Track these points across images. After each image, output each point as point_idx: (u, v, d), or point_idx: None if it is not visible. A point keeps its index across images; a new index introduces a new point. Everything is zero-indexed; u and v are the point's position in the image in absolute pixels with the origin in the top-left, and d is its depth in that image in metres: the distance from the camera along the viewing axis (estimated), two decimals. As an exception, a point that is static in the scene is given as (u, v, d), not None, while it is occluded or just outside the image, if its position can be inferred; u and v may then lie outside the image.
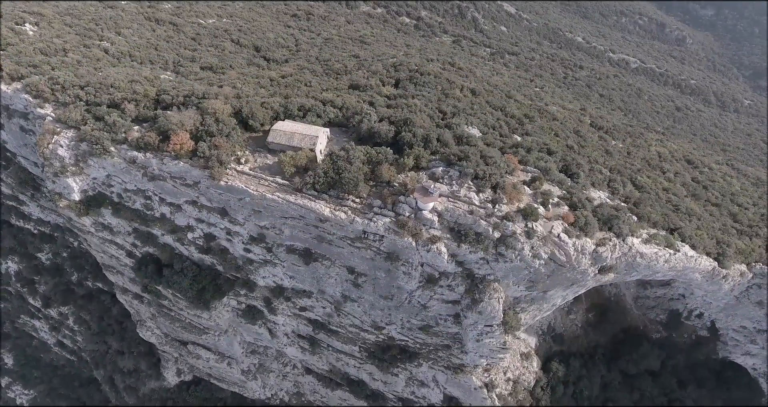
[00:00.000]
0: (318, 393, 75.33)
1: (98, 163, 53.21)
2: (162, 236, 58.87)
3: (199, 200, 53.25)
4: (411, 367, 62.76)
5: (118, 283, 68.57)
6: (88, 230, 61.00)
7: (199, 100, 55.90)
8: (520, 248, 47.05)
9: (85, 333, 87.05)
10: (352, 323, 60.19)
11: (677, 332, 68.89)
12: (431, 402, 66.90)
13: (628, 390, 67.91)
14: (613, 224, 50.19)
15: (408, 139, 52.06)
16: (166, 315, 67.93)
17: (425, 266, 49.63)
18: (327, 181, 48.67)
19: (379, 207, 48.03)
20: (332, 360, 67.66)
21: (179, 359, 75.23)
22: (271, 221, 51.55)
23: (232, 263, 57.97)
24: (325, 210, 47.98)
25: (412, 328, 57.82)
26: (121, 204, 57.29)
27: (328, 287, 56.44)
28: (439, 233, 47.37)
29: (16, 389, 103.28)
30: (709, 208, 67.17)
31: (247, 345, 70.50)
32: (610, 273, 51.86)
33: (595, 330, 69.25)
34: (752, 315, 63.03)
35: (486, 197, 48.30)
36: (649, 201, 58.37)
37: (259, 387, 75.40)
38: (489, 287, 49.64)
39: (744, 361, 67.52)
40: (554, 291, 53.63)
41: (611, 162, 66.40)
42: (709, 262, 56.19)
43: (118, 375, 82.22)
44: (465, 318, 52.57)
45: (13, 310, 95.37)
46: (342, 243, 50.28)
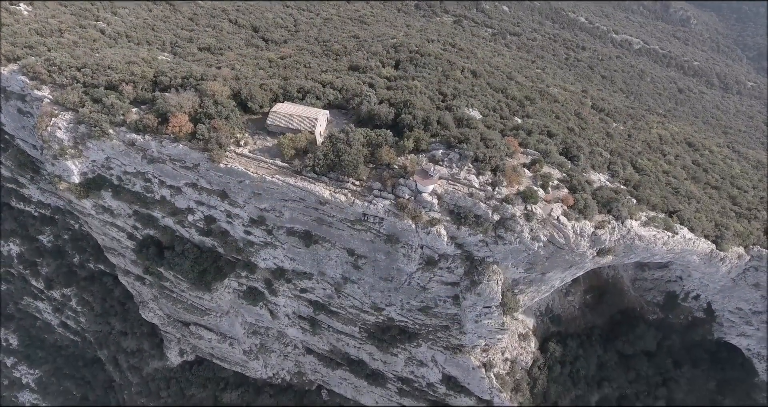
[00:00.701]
0: (319, 372, 76.61)
1: (97, 145, 53.03)
2: (162, 218, 59.04)
3: (198, 182, 53.24)
4: (410, 347, 63.66)
5: (120, 265, 69.03)
6: (88, 213, 61.14)
7: (198, 81, 55.41)
8: (519, 231, 47.27)
9: (88, 314, 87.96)
10: (352, 304, 60.83)
11: (673, 313, 69.69)
12: (430, 381, 68.09)
13: (623, 369, 69.04)
14: (613, 206, 50.31)
15: (408, 121, 51.80)
16: (168, 296, 68.57)
17: (425, 248, 49.92)
18: (327, 163, 48.60)
19: (379, 190, 48.08)
20: (333, 340, 68.59)
21: (182, 339, 76.23)
22: (271, 203, 51.65)
23: (233, 246, 58.28)
24: (324, 193, 48.03)
25: (411, 309, 58.46)
26: (121, 187, 57.30)
27: (328, 269, 56.87)
28: (438, 215, 47.53)
29: (21, 368, 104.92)
30: (708, 191, 67.24)
31: (248, 325, 71.36)
32: (609, 256, 52.20)
33: (593, 311, 70.06)
34: (748, 297, 63.69)
35: (486, 180, 48.31)
36: (648, 184, 58.41)
37: (260, 366, 76.61)
38: (488, 269, 50.03)
39: (739, 342, 68.48)
40: (553, 273, 54.07)
41: (612, 145, 66.20)
42: (707, 244, 56.51)
43: (121, 355, 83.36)
44: (464, 299, 53.11)
45: (16, 291, 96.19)
46: (342, 226, 50.49)
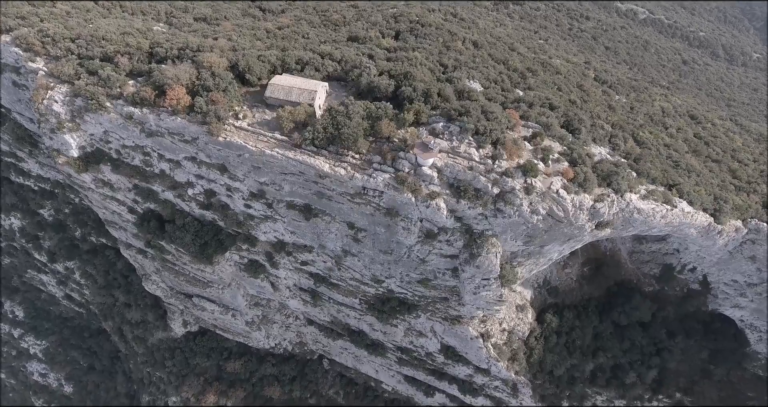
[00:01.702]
0: (320, 342, 78.26)
1: (94, 119, 52.59)
2: (162, 192, 59.10)
3: (198, 156, 53.06)
4: (410, 318, 64.83)
5: (122, 238, 69.51)
6: (88, 187, 61.16)
7: (194, 53, 54.51)
8: (518, 204, 47.43)
9: (92, 286, 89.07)
10: (352, 276, 61.59)
11: (669, 285, 70.61)
12: (429, 351, 69.67)
13: (618, 339, 70.45)
14: (612, 180, 50.32)
15: (408, 93, 51.22)
16: (170, 269, 69.35)
17: (424, 221, 50.19)
18: (326, 137, 48.34)
19: (379, 163, 47.98)
20: (333, 311, 69.76)
21: (185, 311, 77.53)
22: (271, 177, 51.62)
23: (233, 219, 58.58)
24: (324, 166, 47.94)
25: (411, 281, 59.23)
26: (120, 160, 57.14)
27: (328, 242, 57.33)
28: (438, 189, 47.59)
29: (28, 339, 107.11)
30: (709, 164, 67.11)
31: (250, 297, 72.44)
32: (607, 229, 52.56)
33: (590, 283, 70.98)
34: (744, 270, 64.40)
35: (486, 153, 48.15)
36: (649, 157, 58.23)
37: (263, 337, 78.17)
38: (487, 242, 50.42)
39: (732, 313, 69.61)
40: (551, 246, 54.55)
41: (614, 118, 65.66)
42: (705, 218, 56.78)
43: (126, 327, 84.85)
44: (463, 271, 53.75)
45: (20, 265, 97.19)
46: (342, 199, 50.61)
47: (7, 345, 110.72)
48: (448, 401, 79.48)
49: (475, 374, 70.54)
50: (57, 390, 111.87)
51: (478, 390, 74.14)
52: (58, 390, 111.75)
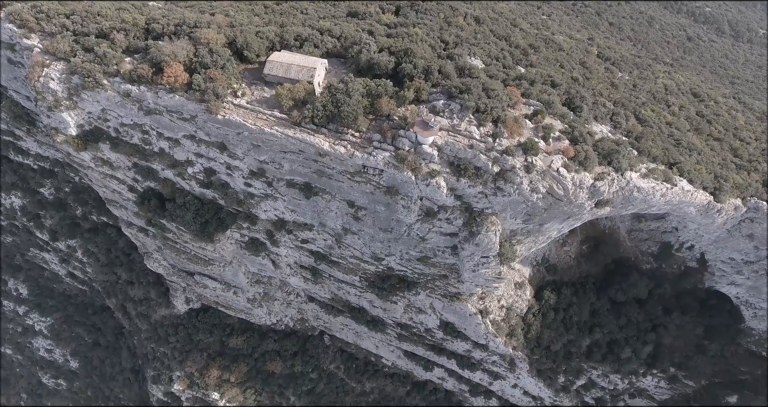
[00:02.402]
0: (321, 318, 79.46)
1: (92, 96, 52.12)
2: (162, 170, 59.04)
3: (197, 134, 52.81)
4: (409, 295, 65.64)
5: (123, 217, 69.76)
6: (87, 165, 61.04)
7: (191, 29, 53.56)
8: (518, 183, 47.46)
9: (94, 264, 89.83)
10: (352, 254, 62.08)
11: (667, 263, 71.25)
12: (428, 327, 70.81)
13: (615, 316, 71.49)
14: (613, 158, 50.21)
15: (408, 70, 50.64)
16: (172, 247, 69.83)
17: (424, 199, 50.32)
18: (326, 114, 48.01)
19: (379, 141, 47.80)
20: (334, 288, 70.58)
21: (187, 288, 78.38)
22: (271, 155, 51.51)
23: (234, 198, 58.69)
24: (324, 144, 47.78)
25: (410, 259, 59.74)
26: (119, 139, 56.88)
27: (328, 221, 57.59)
28: (438, 167, 47.54)
29: (33, 316, 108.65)
30: (710, 142, 66.86)
31: (251, 275, 73.16)
32: (607, 207, 52.74)
33: (588, 261, 71.61)
34: (741, 248, 64.89)
35: (487, 131, 47.90)
36: (651, 135, 57.97)
37: (264, 313, 79.30)
38: (487, 220, 50.66)
39: (728, 290, 70.46)
40: (550, 224, 54.82)
41: (616, 95, 65.09)
42: (705, 196, 56.89)
43: (129, 304, 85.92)
44: (462, 249, 54.17)
45: (22, 243, 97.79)
46: (342, 177, 50.61)
47: (13, 322, 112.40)
48: (447, 375, 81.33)
49: (473, 349, 71.88)
50: (63, 365, 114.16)
51: (476, 364, 75.75)
52: (64, 365, 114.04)
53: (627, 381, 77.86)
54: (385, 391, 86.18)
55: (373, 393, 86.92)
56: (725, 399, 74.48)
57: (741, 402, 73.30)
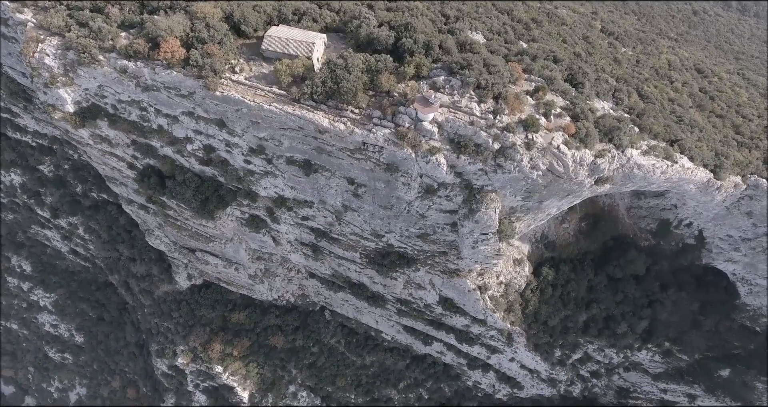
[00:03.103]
0: (321, 294, 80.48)
1: (88, 73, 51.45)
2: (161, 148, 58.80)
3: (195, 111, 52.39)
4: (409, 272, 66.33)
5: (123, 194, 69.82)
6: (86, 143, 60.77)
7: (187, 3, 52.36)
8: (519, 160, 47.35)
9: (96, 241, 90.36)
10: (352, 231, 62.44)
11: (665, 240, 71.74)
12: (427, 303, 71.81)
13: (612, 292, 72.41)
14: (614, 135, 49.98)
15: (409, 46, 49.86)
16: (173, 224, 70.14)
17: (424, 177, 50.31)
18: (325, 91, 47.52)
19: (379, 118, 47.48)
20: (334, 265, 71.24)
21: (189, 265, 79.08)
22: (270, 132, 51.24)
23: (233, 175, 58.67)
24: (323, 121, 47.47)
25: (410, 236, 60.12)
26: (117, 116, 56.44)
27: (328, 198, 57.72)
28: (438, 144, 47.36)
29: (38, 292, 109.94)
30: (713, 119, 66.43)
31: (252, 251, 73.72)
32: (606, 184, 52.77)
33: (587, 238, 72.07)
34: (740, 225, 65.24)
35: (487, 108, 47.53)
36: (653, 112, 57.52)
37: (266, 289, 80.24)
38: (486, 197, 50.77)
39: (725, 267, 71.18)
40: (550, 201, 54.96)
41: (619, 71, 64.27)
42: (705, 174, 56.88)
43: (132, 280, 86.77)
44: (462, 226, 54.45)
45: (23, 220, 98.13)
46: (341, 155, 50.48)
47: (17, 298, 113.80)
48: (446, 349, 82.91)
49: (471, 324, 73.08)
50: (69, 339, 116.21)
51: (474, 339, 77.13)
52: (69, 339, 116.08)
53: (622, 355, 79.49)
54: (385, 364, 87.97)
55: (373, 367, 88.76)
56: (718, 372, 76.18)
57: (733, 376, 74.98)
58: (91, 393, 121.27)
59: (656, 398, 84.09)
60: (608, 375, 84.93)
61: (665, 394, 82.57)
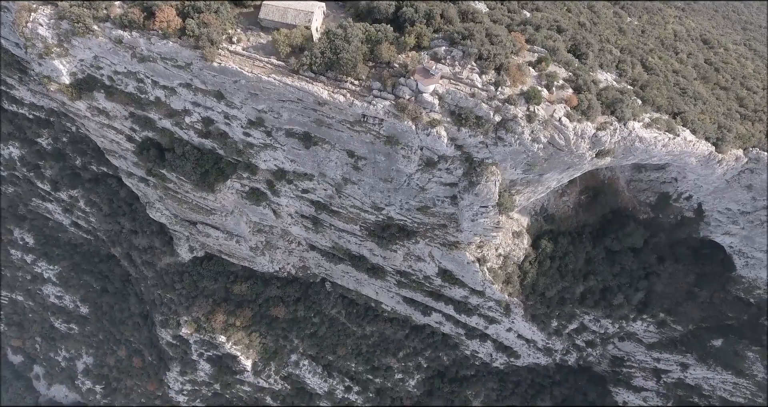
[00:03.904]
0: (322, 266, 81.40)
1: (83, 43, 50.49)
2: (159, 120, 58.31)
3: (193, 82, 51.71)
4: (409, 244, 66.90)
5: (122, 167, 69.68)
6: (84, 115, 60.21)
7: (182, -31, 51.00)
8: (520, 132, 47.07)
9: (97, 214, 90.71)
10: (352, 204, 62.64)
11: (664, 213, 72.04)
12: (427, 275, 72.71)
13: (609, 264, 73.25)
14: (617, 107, 49.50)
15: (410, 15, 48.74)
16: (173, 197, 70.28)
17: (424, 149, 50.11)
18: (324, 62, 46.76)
19: (379, 90, 46.91)
20: (334, 237, 71.78)
21: (190, 237, 79.63)
22: (269, 104, 50.72)
23: (233, 147, 58.41)
24: (323, 93, 46.93)
25: (410, 209, 60.36)
26: (114, 87, 55.72)
27: (328, 171, 57.65)
28: (439, 116, 46.96)
29: (41, 264, 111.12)
30: (717, 91, 65.59)
31: (253, 224, 74.13)
32: (607, 157, 52.62)
33: (586, 211, 72.36)
34: (739, 198, 65.39)
35: (489, 79, 46.90)
36: (656, 84, 56.77)
37: (267, 261, 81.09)
38: (486, 170, 50.72)
39: (722, 240, 71.72)
40: (550, 174, 54.94)
41: (623, 41, 63.05)
42: (707, 147, 56.63)
43: (134, 252, 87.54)
44: (462, 199, 54.59)
45: (24, 193, 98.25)
46: (341, 127, 50.13)
47: (22, 270, 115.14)
48: (444, 320, 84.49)
49: (470, 295, 74.23)
50: (74, 310, 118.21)
51: (473, 310, 78.50)
52: (74, 310, 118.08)
53: (617, 326, 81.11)
54: (385, 334, 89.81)
55: (373, 336, 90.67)
56: (711, 342, 77.86)
57: (726, 345, 76.67)
58: (98, 362, 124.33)
59: (649, 367, 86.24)
60: (603, 344, 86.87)
61: (658, 363, 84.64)
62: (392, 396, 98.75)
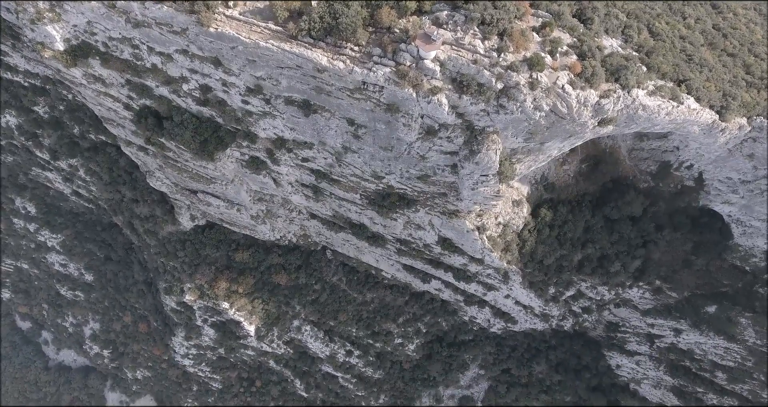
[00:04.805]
0: (323, 234, 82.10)
1: (75, 7, 49.25)
2: (157, 87, 57.53)
3: (189, 48, 50.70)
4: (409, 213, 67.25)
5: (121, 136, 69.23)
6: (79, 82, 59.36)
7: (174, -72, 49.12)
8: (522, 100, 46.53)
9: (98, 183, 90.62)
10: (352, 173, 62.59)
11: (664, 182, 72.01)
12: (426, 243, 73.44)
13: (608, 232, 73.77)
14: (621, 74, 48.72)
15: (410, -23, 47.30)
16: (173, 166, 70.13)
17: (425, 118, 49.66)
18: (323, 27, 45.73)
19: (379, 56, 46.06)
20: (335, 206, 72.09)
21: (191, 206, 79.92)
22: (267, 71, 49.90)
23: (231, 116, 57.87)
24: (322, 59, 46.11)
25: (410, 177, 60.36)
26: (109, 54, 54.70)
27: (328, 139, 57.31)
28: (440, 83, 46.30)
29: (44, 233, 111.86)
30: (723, 58, 64.30)
31: (253, 193, 74.28)
32: (609, 126, 52.19)
33: (586, 179, 72.33)
34: (740, 167, 65.19)
35: (491, 45, 45.96)
36: (662, 50, 55.66)
37: (268, 230, 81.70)
38: (487, 138, 50.41)
39: (721, 209, 71.97)
40: (551, 143, 54.65)
41: (630, 5, 61.36)
42: (710, 115, 56.05)
43: (136, 221, 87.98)
44: (462, 168, 54.51)
45: (23, 162, 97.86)
46: (341, 94, 49.51)
47: (25, 239, 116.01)
48: (444, 287, 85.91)
49: (469, 263, 75.21)
50: (79, 278, 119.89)
51: (472, 277, 79.72)
52: (79, 278, 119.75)
53: (614, 293, 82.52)
54: (385, 301, 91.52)
55: (373, 303, 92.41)
56: (704, 308, 79.39)
57: (719, 312, 78.21)
58: (104, 328, 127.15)
59: (643, 332, 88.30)
60: (599, 310, 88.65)
61: (652, 328, 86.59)
62: (392, 360, 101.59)
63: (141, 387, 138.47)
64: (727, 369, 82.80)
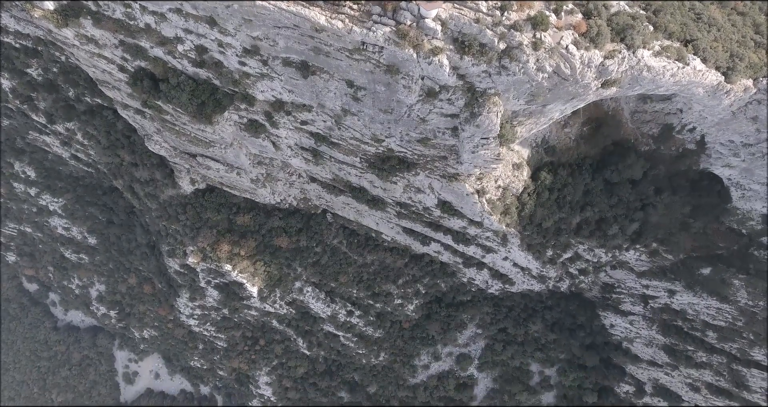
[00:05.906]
0: (323, 198, 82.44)
1: (63, -38, 47.50)
2: (151, 48, 56.23)
3: (183, 7, 49.22)
4: (408, 176, 67.27)
5: (117, 98, 68.26)
6: (72, 44, 57.96)
7: None
8: (524, 61, 45.61)
9: (96, 147, 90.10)
10: (352, 136, 62.17)
11: (665, 145, 71.54)
12: (426, 206, 73.86)
13: (607, 195, 73.96)
14: (627, 34, 47.52)
15: (411, -70, 45.33)
16: (171, 129, 69.54)
17: (426, 79, 48.84)
18: (321, -16, 44.27)
19: (379, 15, 44.78)
20: (335, 169, 72.02)
21: (191, 170, 79.81)
22: (264, 31, 48.64)
23: (228, 77, 56.88)
24: (320, 19, 44.84)
25: (410, 140, 60.00)
26: (101, 13, 53.13)
27: (327, 101, 56.58)
28: (441, 44, 45.24)
29: (45, 197, 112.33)
30: (733, 17, 62.35)
31: (253, 156, 74.03)
32: (613, 87, 51.40)
33: (587, 142, 71.84)
34: (743, 130, 64.55)
35: (494, 4, 44.63)
36: (670, 9, 53.98)
37: (268, 193, 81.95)
38: (489, 101, 49.77)
39: (722, 172, 71.84)
40: (553, 105, 53.98)
41: (639, -40, 59.09)
42: (716, 77, 55.00)
43: (136, 185, 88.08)
44: (462, 131, 54.11)
45: (20, 126, 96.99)
46: (340, 55, 48.48)
47: (27, 203, 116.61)
48: (443, 249, 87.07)
49: (468, 226, 75.91)
50: (82, 241, 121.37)
51: (471, 240, 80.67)
52: (83, 241, 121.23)
53: (610, 255, 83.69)
54: (385, 263, 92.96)
55: (373, 265, 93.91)
56: (699, 270, 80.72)
57: (713, 274, 79.54)
58: (110, 290, 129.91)
59: (638, 293, 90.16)
60: (595, 272, 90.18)
61: (647, 290, 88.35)
62: (392, 320, 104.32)
63: (148, 346, 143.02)
64: (717, 329, 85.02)
